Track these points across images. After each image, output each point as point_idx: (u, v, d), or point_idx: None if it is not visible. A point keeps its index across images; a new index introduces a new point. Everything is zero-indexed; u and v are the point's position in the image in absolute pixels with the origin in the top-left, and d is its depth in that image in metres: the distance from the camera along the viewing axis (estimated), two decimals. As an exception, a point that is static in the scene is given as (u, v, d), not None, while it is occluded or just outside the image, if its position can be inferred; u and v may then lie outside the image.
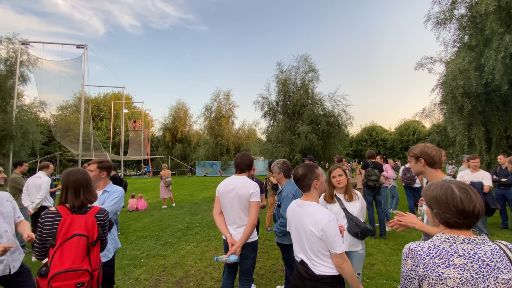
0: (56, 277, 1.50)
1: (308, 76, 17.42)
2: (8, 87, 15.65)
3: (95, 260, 1.66)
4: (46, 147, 25.48)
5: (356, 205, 2.45)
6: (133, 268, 3.92)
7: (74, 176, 1.75)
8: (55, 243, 1.57)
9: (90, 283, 1.59)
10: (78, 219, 1.65)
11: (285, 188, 2.94)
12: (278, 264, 4.01)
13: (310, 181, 1.78)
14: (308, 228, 1.64)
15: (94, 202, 1.86)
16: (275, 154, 16.06)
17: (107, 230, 1.86)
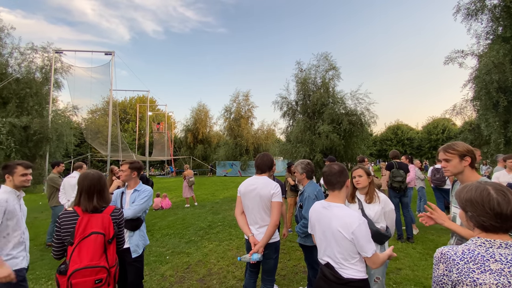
0: (76, 274, 1.56)
1: (329, 74, 17.07)
2: (44, 93, 16.96)
3: (111, 258, 1.72)
4: (78, 149, 27.19)
5: (375, 208, 2.37)
6: (159, 265, 4.09)
7: (89, 181, 1.79)
8: (73, 241, 1.63)
9: (107, 279, 1.65)
10: (95, 217, 1.72)
11: (307, 189, 2.92)
12: (300, 266, 3.98)
13: (345, 178, 1.75)
14: (337, 230, 1.60)
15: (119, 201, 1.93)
16: (295, 154, 15.92)
17: (123, 229, 1.91)
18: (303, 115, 17.30)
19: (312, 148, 15.74)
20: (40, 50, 16.83)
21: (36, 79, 16.82)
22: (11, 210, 2.14)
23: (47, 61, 17.11)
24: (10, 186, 2.23)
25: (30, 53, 16.55)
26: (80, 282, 1.55)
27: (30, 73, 16.51)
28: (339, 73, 17.03)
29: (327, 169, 1.80)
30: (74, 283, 1.54)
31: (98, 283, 1.59)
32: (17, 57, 16.36)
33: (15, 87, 15.31)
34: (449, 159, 1.69)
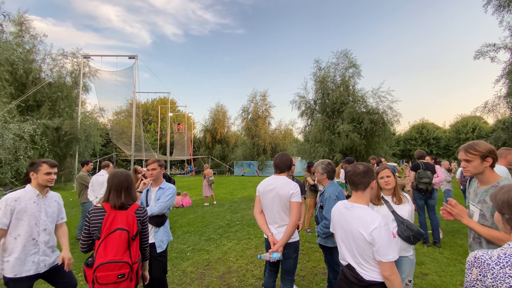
0: (100, 267, 1.63)
1: (349, 72, 16.66)
2: (74, 96, 18.03)
3: (135, 254, 1.77)
4: (104, 149, 28.60)
5: (406, 208, 2.28)
6: (180, 261, 4.21)
7: (118, 179, 1.87)
8: (100, 236, 1.72)
9: (130, 275, 1.70)
10: (120, 214, 1.79)
11: (328, 189, 2.87)
12: (319, 267, 3.93)
13: (370, 179, 1.69)
14: (357, 231, 1.57)
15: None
16: (313, 154, 15.70)
17: (147, 227, 1.97)
18: (321, 114, 17.03)
19: (331, 148, 15.46)
20: (70, 56, 17.93)
21: (67, 83, 17.93)
22: (22, 209, 2.08)
23: (76, 66, 18.19)
24: (33, 184, 2.19)
25: (61, 58, 17.68)
26: (104, 276, 1.62)
27: (61, 77, 17.63)
28: (359, 71, 16.59)
29: (351, 168, 1.76)
30: (99, 276, 1.62)
31: (121, 278, 1.65)
32: (49, 63, 17.54)
33: (47, 90, 16.41)
34: (470, 160, 1.65)
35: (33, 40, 16.83)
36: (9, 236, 2.04)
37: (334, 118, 16.45)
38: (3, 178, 7.88)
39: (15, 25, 15.82)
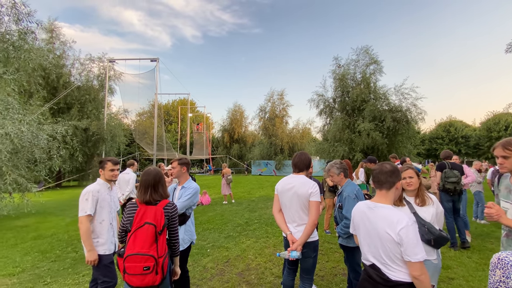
0: (128, 258, 1.73)
1: (370, 69, 16.13)
2: (100, 99, 19.02)
3: (161, 248, 1.85)
4: (128, 148, 29.90)
5: (430, 210, 2.20)
6: (201, 257, 4.34)
7: (146, 176, 2.00)
8: (131, 228, 1.84)
9: (155, 268, 1.76)
10: (150, 209, 1.89)
11: (346, 189, 2.84)
12: (338, 268, 3.88)
13: (396, 179, 1.67)
14: (384, 231, 1.54)
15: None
16: (332, 153, 15.39)
17: (176, 223, 2.05)
18: (341, 112, 16.65)
19: (351, 147, 15.07)
20: (96, 60, 18.95)
21: (94, 86, 18.97)
22: (103, 199, 2.49)
23: (102, 70, 19.18)
24: (102, 179, 2.59)
25: (88, 63, 18.74)
26: (131, 266, 1.72)
27: (88, 81, 18.68)
28: (381, 67, 16.01)
29: (378, 167, 1.74)
30: (127, 266, 1.73)
31: (146, 270, 1.72)
32: (78, 67, 18.65)
33: (76, 94, 17.45)
34: (508, 156, 1.59)
35: (63, 46, 17.97)
36: (96, 222, 2.47)
37: (355, 116, 16.01)
38: (38, 175, 8.49)
39: (46, 32, 16.99)
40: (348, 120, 15.99)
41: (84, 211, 2.38)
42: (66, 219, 7.63)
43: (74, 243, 5.23)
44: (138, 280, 1.73)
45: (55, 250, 4.87)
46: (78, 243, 5.25)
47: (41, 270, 3.95)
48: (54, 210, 9.00)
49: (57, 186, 17.42)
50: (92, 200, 2.42)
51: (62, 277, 3.67)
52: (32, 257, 4.49)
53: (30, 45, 6.94)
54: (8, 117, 5.91)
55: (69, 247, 5.00)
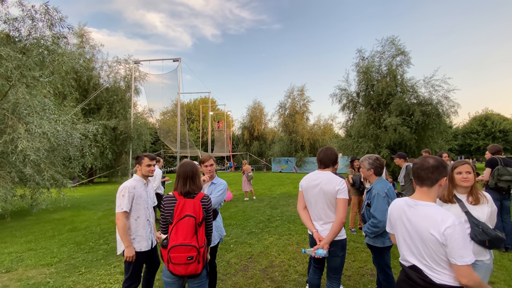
0: (173, 249, 1.81)
1: (396, 60, 15.33)
2: (127, 99, 19.89)
3: (201, 239, 1.92)
4: (153, 146, 31.11)
5: (485, 209, 1.98)
6: (225, 252, 4.37)
7: (184, 168, 2.05)
8: (172, 221, 1.91)
9: (197, 258, 1.85)
10: (189, 202, 1.95)
11: (376, 186, 2.69)
12: (366, 268, 3.72)
13: (439, 176, 1.52)
14: (427, 231, 1.42)
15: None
16: (356, 150, 14.88)
17: (211, 215, 2.10)
18: (365, 107, 16.02)
19: (376, 143, 14.47)
20: (122, 62, 19.83)
21: (121, 87, 19.88)
22: (139, 195, 2.51)
23: (128, 71, 20.03)
24: (139, 174, 2.62)
25: (115, 65, 19.66)
26: (176, 257, 1.80)
27: (116, 82, 19.60)
28: (408, 58, 15.17)
29: (420, 161, 1.59)
30: (172, 256, 1.81)
31: (190, 260, 1.81)
32: (106, 70, 19.63)
33: (105, 95, 18.40)
34: None
35: (92, 50, 19.00)
36: (132, 218, 2.48)
37: (380, 111, 15.34)
38: (72, 172, 9.07)
39: (77, 37, 18.04)
40: (373, 114, 15.35)
41: (121, 208, 2.41)
42: (98, 213, 8.09)
43: (106, 236, 5.52)
44: (183, 269, 1.82)
45: (88, 242, 5.16)
46: (109, 236, 5.52)
47: (76, 260, 4.21)
48: (87, 205, 9.58)
49: (90, 182, 18.55)
50: (128, 197, 2.44)
51: (95, 268, 3.88)
52: (68, 248, 4.80)
53: (63, 49, 7.39)
54: (45, 117, 6.34)
55: (101, 240, 5.28)
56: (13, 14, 6.39)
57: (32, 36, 6.47)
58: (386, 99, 14.71)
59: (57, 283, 3.40)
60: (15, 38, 6.52)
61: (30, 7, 6.23)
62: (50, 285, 3.34)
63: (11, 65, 5.37)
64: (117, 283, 3.36)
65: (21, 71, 5.59)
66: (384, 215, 2.46)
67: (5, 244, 5.07)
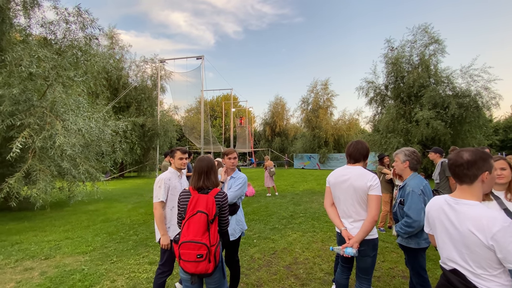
0: (183, 245, 1.78)
1: (429, 49, 14.29)
2: (154, 97, 20.65)
3: (213, 236, 1.85)
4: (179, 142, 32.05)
5: None
6: (248, 247, 4.37)
7: (200, 163, 2.03)
8: (185, 216, 1.87)
9: (207, 256, 1.77)
10: (202, 198, 1.90)
11: (410, 183, 2.48)
12: (397, 269, 3.51)
13: (479, 171, 1.34)
14: (470, 233, 1.27)
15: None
16: (385, 146, 14.18)
17: (227, 211, 2.04)
18: (394, 100, 15.17)
19: (407, 138, 13.66)
20: (149, 62, 20.60)
21: (148, 86, 20.70)
22: (174, 186, 2.64)
23: (154, 70, 20.78)
24: (173, 167, 2.76)
25: (142, 65, 20.46)
26: (186, 253, 1.76)
27: (143, 81, 20.43)
28: (443, 47, 14.07)
29: (453, 156, 1.42)
30: (182, 252, 1.77)
31: (199, 258, 1.75)
32: (134, 69, 20.51)
33: (134, 93, 19.26)
34: None
35: (121, 50, 19.92)
36: (167, 208, 2.62)
37: (411, 104, 14.44)
38: (105, 166, 9.62)
39: (107, 38, 19.00)
40: (403, 108, 14.50)
41: (158, 198, 2.56)
42: (128, 205, 8.51)
43: (135, 227, 5.77)
44: (192, 266, 1.77)
45: (119, 232, 5.43)
46: (138, 227, 5.78)
47: (109, 249, 4.44)
48: (118, 197, 10.13)
49: (120, 176, 19.63)
50: (164, 187, 2.57)
51: (126, 257, 4.06)
52: (101, 238, 5.09)
53: (95, 50, 7.80)
54: (80, 115, 6.77)
55: (131, 231, 5.53)
56: (49, 18, 6.89)
57: (67, 38, 6.91)
58: (417, 91, 13.80)
59: (91, 270, 3.61)
60: (51, 41, 7.01)
61: (63, 10, 6.66)
62: (84, 272, 3.55)
63: (48, 66, 5.79)
64: (145, 273, 3.49)
65: (57, 71, 6.01)
66: (419, 214, 2.27)
67: (45, 233, 5.51)
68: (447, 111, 12.78)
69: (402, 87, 14.79)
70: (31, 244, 4.74)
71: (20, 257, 4.14)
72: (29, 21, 6.80)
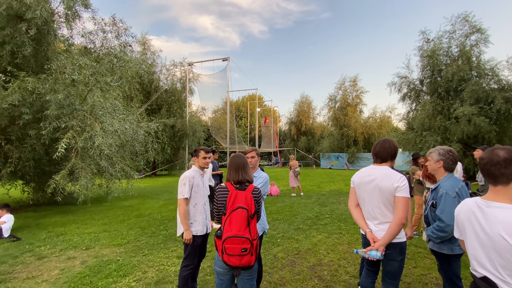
0: (228, 240, 1.84)
1: (470, 40, 13.10)
2: (183, 99, 21.51)
3: (253, 231, 1.91)
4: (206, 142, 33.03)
5: None
6: (271, 246, 4.38)
7: (235, 159, 2.12)
8: (225, 212, 1.94)
9: (251, 249, 1.85)
10: (241, 194, 1.96)
11: (444, 184, 2.31)
12: (430, 276, 3.29)
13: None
14: (501, 239, 1.17)
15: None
16: (420, 145, 13.28)
17: (261, 207, 2.11)
18: (431, 96, 14.14)
19: (445, 136, 12.67)
20: (178, 65, 21.51)
21: (177, 88, 21.62)
22: (197, 184, 2.78)
23: (183, 73, 21.64)
24: (196, 166, 2.89)
25: (172, 68, 21.42)
26: (231, 248, 1.83)
27: (173, 84, 21.38)
28: (486, 36, 12.80)
29: (487, 155, 1.31)
30: (227, 247, 1.84)
31: (244, 252, 1.83)
32: (165, 73, 21.53)
33: (164, 96, 20.24)
34: None
35: (153, 56, 21.03)
36: (190, 205, 2.76)
37: (450, 99, 13.36)
38: (138, 165, 10.26)
39: (140, 45, 20.17)
40: (440, 104, 13.46)
41: (182, 194, 2.69)
42: (159, 202, 8.99)
43: (165, 223, 6.08)
44: (237, 260, 1.84)
45: (151, 227, 5.76)
46: (168, 222, 6.08)
47: (141, 243, 4.74)
48: (150, 194, 10.73)
49: (153, 174, 20.74)
50: (189, 185, 2.71)
51: (156, 251, 4.30)
52: (134, 232, 5.44)
53: (129, 56, 8.35)
54: (116, 117, 7.30)
55: (161, 226, 5.84)
56: (88, 29, 7.55)
57: (104, 46, 7.50)
58: (457, 86, 12.71)
59: (125, 261, 3.88)
60: (90, 49, 7.65)
61: (100, 20, 7.25)
62: (119, 263, 3.83)
63: (88, 73, 6.34)
64: (173, 266, 3.67)
65: (96, 77, 6.55)
66: (453, 218, 2.11)
67: (86, 226, 6.03)
68: (492, 107, 11.60)
69: (439, 81, 13.72)
70: (74, 236, 5.23)
71: (64, 247, 4.58)
72: (71, 32, 7.51)
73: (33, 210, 7.84)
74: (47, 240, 4.95)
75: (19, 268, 3.74)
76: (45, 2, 6.36)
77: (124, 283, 3.24)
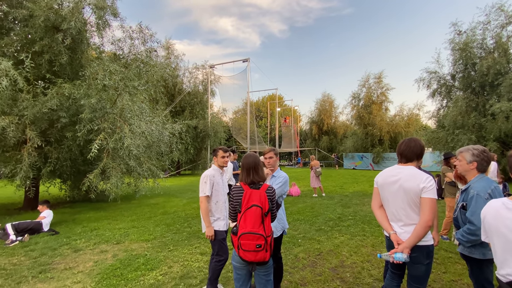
0: (243, 236, 1.92)
1: (507, 30, 12.09)
2: (205, 101, 22.05)
3: (268, 228, 1.99)
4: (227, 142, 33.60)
5: None
6: (292, 246, 4.37)
7: (246, 160, 2.19)
8: (241, 209, 2.02)
9: (265, 246, 1.92)
10: (255, 193, 2.04)
11: (475, 185, 2.17)
12: (461, 282, 3.11)
13: None
14: None
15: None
16: (451, 144, 12.48)
17: (275, 205, 2.15)
18: (464, 91, 13.24)
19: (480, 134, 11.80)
20: (200, 68, 22.11)
21: (199, 91, 22.22)
22: (217, 182, 2.88)
23: (205, 76, 22.20)
24: (216, 165, 2.99)
25: (194, 71, 22.07)
26: (246, 243, 1.91)
27: (195, 86, 22.02)
28: (528, 25, 11.66)
29: None
30: (242, 243, 1.93)
31: (258, 248, 1.90)
32: (187, 76, 22.24)
33: (187, 98, 20.89)
34: None
35: (176, 59, 21.79)
36: (212, 202, 2.86)
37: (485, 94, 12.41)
38: (164, 165, 10.69)
39: (164, 49, 20.98)
40: (474, 100, 12.56)
41: (204, 192, 2.80)
42: (183, 200, 9.31)
43: (189, 220, 6.30)
44: (252, 255, 1.93)
45: (176, 224, 6.00)
46: (192, 220, 6.29)
47: (167, 239, 4.95)
48: (175, 193, 11.15)
49: (177, 173, 21.47)
50: (210, 183, 2.80)
51: (181, 247, 4.48)
52: (160, 228, 5.70)
53: (154, 61, 8.74)
54: (143, 119, 7.69)
55: (185, 223, 6.06)
56: (117, 36, 8.03)
57: (131, 52, 7.95)
58: (493, 80, 11.76)
59: (152, 256, 4.09)
60: (119, 56, 8.13)
61: (128, 28, 7.71)
62: (147, 257, 4.05)
63: (118, 78, 6.74)
64: (196, 262, 3.80)
65: (125, 82, 6.95)
66: (484, 221, 2.00)
67: (116, 222, 6.41)
68: (535, 102, 10.60)
69: (473, 75, 12.80)
70: (106, 230, 5.59)
71: (97, 241, 4.92)
72: (101, 40, 8.05)
73: (69, 206, 8.50)
74: (82, 234, 5.35)
75: (58, 259, 4.08)
76: (79, 13, 6.86)
77: (151, 276, 3.42)
